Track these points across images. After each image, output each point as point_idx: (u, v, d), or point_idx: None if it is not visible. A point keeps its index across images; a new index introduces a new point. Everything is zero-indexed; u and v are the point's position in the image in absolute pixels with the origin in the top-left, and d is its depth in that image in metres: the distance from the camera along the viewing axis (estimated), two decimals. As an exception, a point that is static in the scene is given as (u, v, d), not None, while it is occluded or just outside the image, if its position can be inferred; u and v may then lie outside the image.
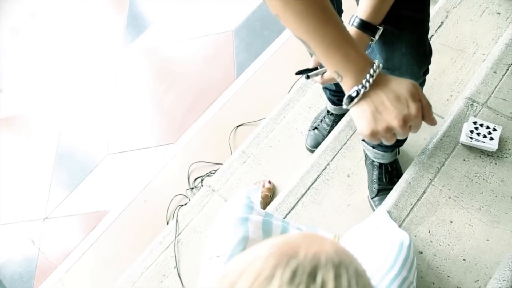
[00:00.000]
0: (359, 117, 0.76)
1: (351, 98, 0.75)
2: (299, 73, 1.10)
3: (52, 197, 2.45)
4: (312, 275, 0.41)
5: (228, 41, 2.75)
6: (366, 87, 0.73)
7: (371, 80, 0.73)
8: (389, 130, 0.74)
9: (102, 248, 2.21)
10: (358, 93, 0.74)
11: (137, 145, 2.49)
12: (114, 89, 2.78)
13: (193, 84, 2.64)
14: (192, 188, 2.22)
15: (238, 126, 2.35)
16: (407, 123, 0.74)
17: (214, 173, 2.17)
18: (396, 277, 1.09)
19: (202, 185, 2.20)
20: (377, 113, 0.74)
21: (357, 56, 0.74)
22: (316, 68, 1.10)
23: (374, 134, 0.75)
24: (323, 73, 1.09)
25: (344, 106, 0.77)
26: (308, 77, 1.09)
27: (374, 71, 0.74)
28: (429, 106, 0.76)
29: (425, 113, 0.76)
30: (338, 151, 1.81)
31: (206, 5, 2.99)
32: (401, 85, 0.75)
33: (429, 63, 1.31)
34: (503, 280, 1.23)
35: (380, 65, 0.75)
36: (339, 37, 0.74)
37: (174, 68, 2.76)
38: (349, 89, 0.75)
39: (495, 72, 1.71)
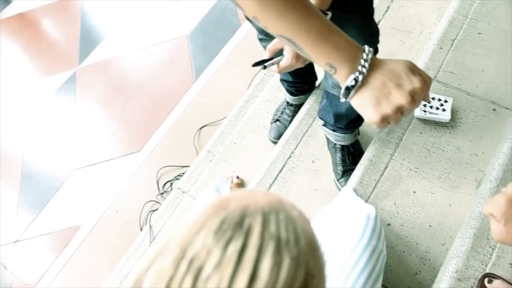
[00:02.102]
0: (364, 106, 0.72)
1: (348, 89, 0.71)
2: (256, 64, 1.13)
3: (21, 219, 2.41)
4: (239, 223, 0.42)
5: (184, 45, 2.77)
6: (363, 73, 0.70)
7: (366, 64, 0.69)
8: (398, 110, 0.71)
9: (78, 264, 2.18)
10: (356, 81, 0.70)
11: (103, 157, 2.48)
12: (74, 105, 2.75)
13: (153, 91, 2.64)
14: (162, 193, 2.23)
15: (201, 128, 2.37)
16: (414, 98, 0.71)
17: (182, 175, 2.18)
18: (367, 247, 1.13)
19: (171, 188, 2.21)
20: (381, 96, 0.70)
21: (347, 44, 0.71)
22: (271, 59, 1.14)
23: (384, 118, 0.71)
24: (279, 62, 1.12)
25: (343, 100, 0.74)
26: (265, 67, 1.12)
27: (367, 55, 0.70)
28: (430, 78, 0.74)
29: (427, 85, 0.73)
30: (301, 139, 1.85)
31: (158, 12, 3.00)
32: (397, 63, 0.72)
33: (378, 42, 1.36)
34: (466, 238, 1.28)
35: (371, 49, 0.71)
36: (324, 28, 0.70)
37: (133, 78, 2.76)
38: (345, 80, 0.71)
39: (441, 48, 1.79)
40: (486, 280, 1.21)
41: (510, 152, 1.41)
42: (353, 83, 0.70)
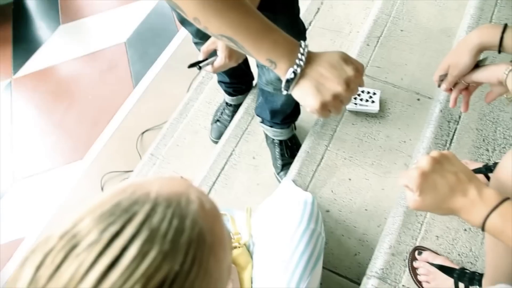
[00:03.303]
0: (304, 96, 0.77)
1: (288, 82, 0.76)
2: (191, 65, 1.18)
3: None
4: (127, 209, 0.43)
5: (122, 53, 2.77)
6: (301, 66, 0.75)
7: (303, 58, 0.75)
8: (336, 97, 0.76)
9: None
10: (295, 74, 0.75)
11: (44, 167, 2.43)
12: (10, 115, 2.69)
13: (92, 99, 2.63)
14: (107, 200, 2.22)
15: (143, 132, 2.38)
16: (350, 85, 0.76)
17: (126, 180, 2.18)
18: (305, 230, 1.19)
19: (116, 194, 2.21)
20: (319, 85, 0.75)
21: (285, 40, 0.76)
22: (206, 59, 1.19)
23: (324, 105, 0.76)
24: (213, 62, 1.18)
25: (284, 92, 0.79)
26: (200, 68, 1.17)
27: (304, 49, 0.75)
28: (362, 66, 0.80)
29: (360, 72, 0.79)
30: (241, 137, 1.91)
31: (94, 21, 2.99)
32: (331, 55, 0.77)
33: (305, 39, 1.44)
34: (397, 216, 1.38)
35: (307, 43, 0.77)
36: (262, 25, 0.75)
37: (71, 87, 2.73)
38: (284, 73, 0.76)
39: (368, 45, 1.90)
40: (416, 252, 1.31)
41: (433, 136, 1.53)
42: (292, 75, 0.75)
